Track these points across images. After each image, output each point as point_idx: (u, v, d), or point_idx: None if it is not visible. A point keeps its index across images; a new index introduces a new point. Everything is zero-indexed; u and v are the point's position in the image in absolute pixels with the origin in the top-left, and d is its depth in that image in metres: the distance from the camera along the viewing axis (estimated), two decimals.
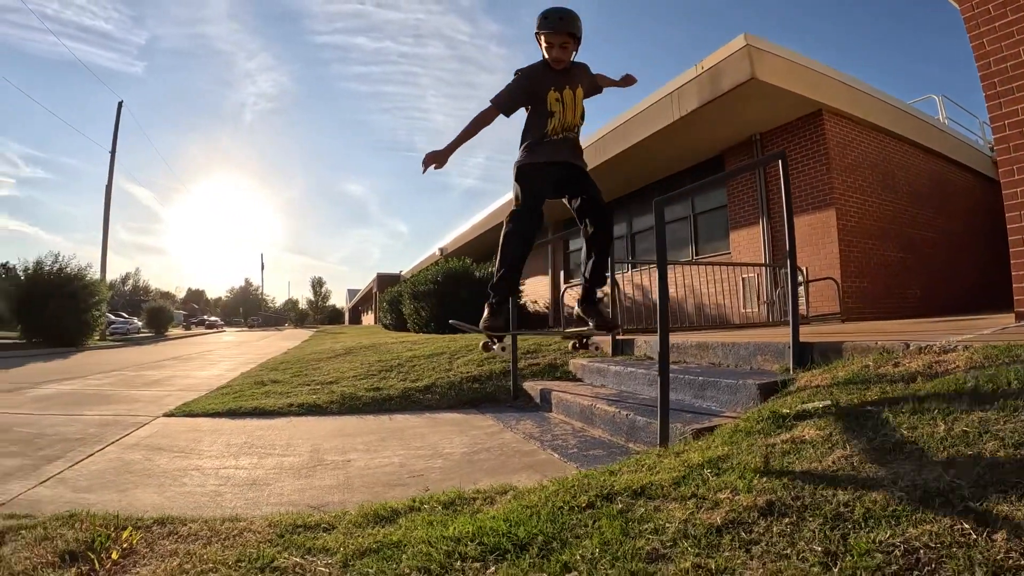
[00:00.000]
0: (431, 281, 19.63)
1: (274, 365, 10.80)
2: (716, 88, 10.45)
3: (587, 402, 4.76)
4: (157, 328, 40.56)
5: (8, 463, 4.09)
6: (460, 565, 1.93)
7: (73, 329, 22.54)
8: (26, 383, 9.51)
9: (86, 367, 13.38)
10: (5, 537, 2.49)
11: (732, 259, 12.46)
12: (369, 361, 8.77)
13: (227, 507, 3.08)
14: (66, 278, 22.67)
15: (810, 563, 1.60)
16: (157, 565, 2.20)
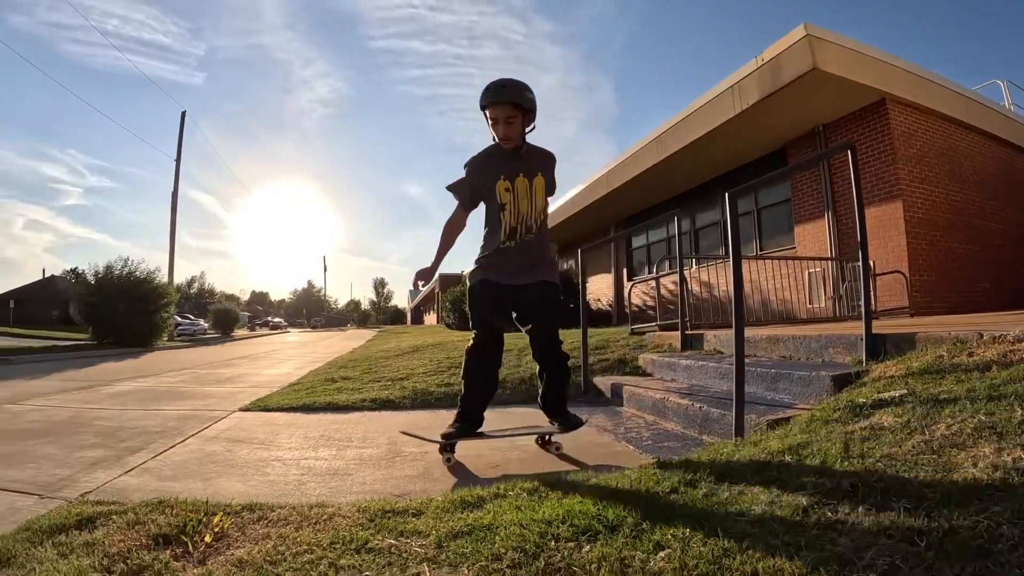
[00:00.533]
0: None
1: (342, 363, 10.97)
2: (777, 80, 10.36)
3: (659, 396, 4.79)
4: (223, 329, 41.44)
5: (92, 454, 4.27)
6: (554, 545, 2.00)
7: (143, 330, 23.30)
8: (101, 381, 9.86)
9: (157, 366, 13.75)
10: (97, 522, 2.61)
11: (797, 254, 12.35)
12: (437, 358, 8.88)
13: (311, 495, 3.17)
14: (136, 281, 23.45)
15: (897, 539, 1.66)
16: (251, 548, 2.27)
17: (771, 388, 4.33)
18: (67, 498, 3.13)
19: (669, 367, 5.93)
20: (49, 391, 8.33)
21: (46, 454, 4.31)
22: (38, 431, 5.19)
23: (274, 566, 2.07)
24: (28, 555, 2.23)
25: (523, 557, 1.94)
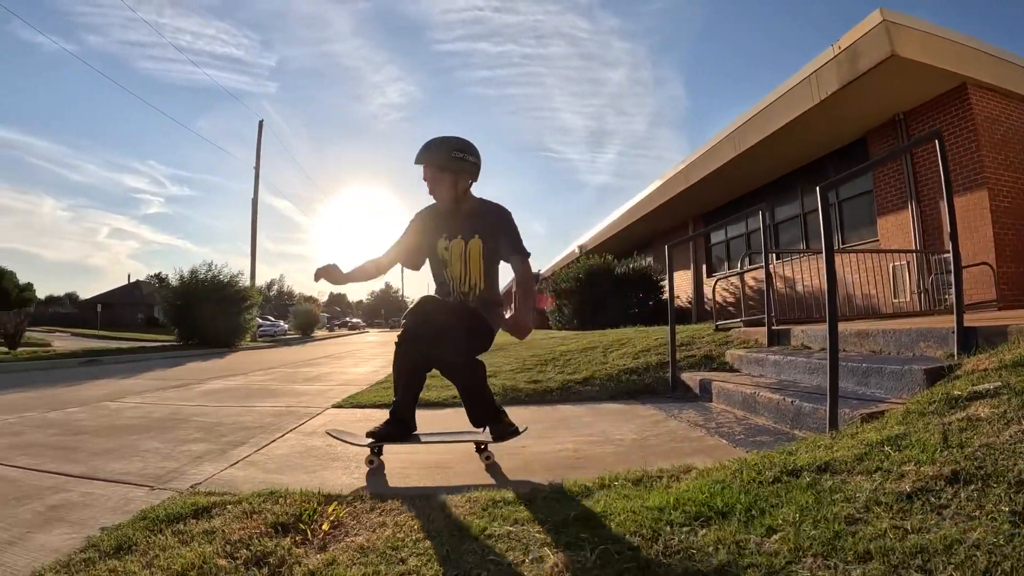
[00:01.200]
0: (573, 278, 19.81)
1: None
2: (855, 68, 10.20)
3: (749, 391, 4.84)
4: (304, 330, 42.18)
5: (196, 448, 4.47)
6: (669, 529, 2.11)
7: (227, 332, 23.95)
8: (192, 380, 10.22)
9: (244, 365, 14.14)
10: (212, 511, 2.75)
11: (880, 246, 12.13)
12: (522, 356, 9.01)
13: (414, 485, 3.28)
14: (220, 285, 24.06)
15: (999, 522, 1.74)
16: (369, 535, 2.39)
17: (862, 383, 4.35)
18: (177, 489, 3.32)
19: (757, 363, 5.95)
20: (143, 389, 8.72)
21: (151, 448, 4.55)
22: (140, 427, 5.46)
23: (396, 551, 2.19)
24: (149, 542, 2.39)
25: (641, 541, 2.04)
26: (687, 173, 17.09)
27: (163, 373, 12.42)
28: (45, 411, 6.55)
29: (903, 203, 11.79)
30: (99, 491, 3.35)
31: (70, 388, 9.33)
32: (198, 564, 2.13)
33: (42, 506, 3.07)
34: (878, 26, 9.60)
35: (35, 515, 2.92)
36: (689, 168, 16.95)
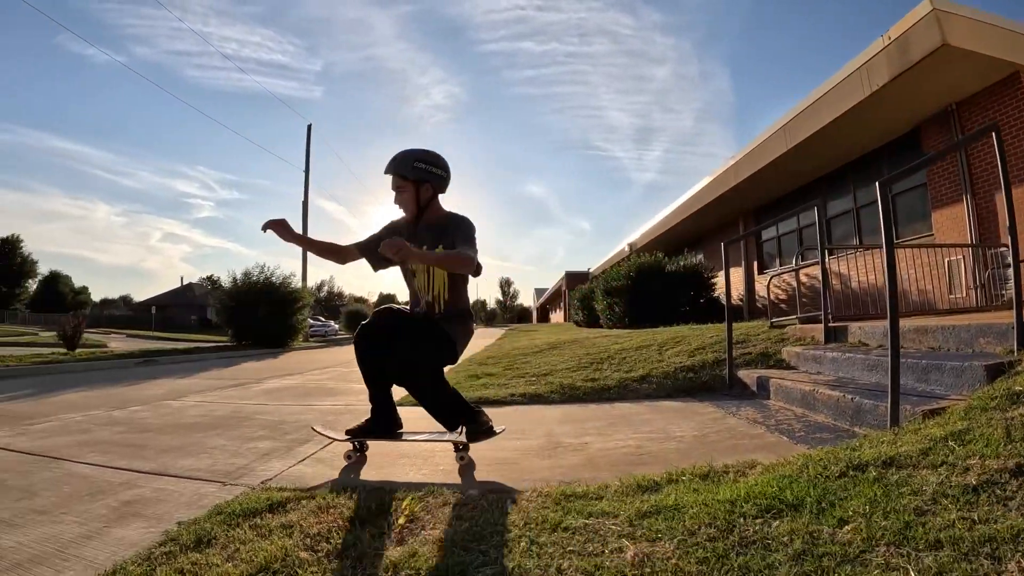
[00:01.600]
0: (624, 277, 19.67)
1: (481, 360, 11.21)
2: (906, 59, 10.07)
3: (807, 388, 4.86)
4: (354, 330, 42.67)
5: (262, 445, 4.59)
6: (743, 521, 2.18)
7: (280, 332, 24.36)
8: (250, 379, 10.46)
9: (299, 365, 14.34)
10: (287, 506, 2.84)
11: (935, 241, 11.97)
12: (577, 354, 9.06)
13: (486, 480, 3.36)
14: (272, 286, 24.48)
15: None
16: (446, 528, 2.46)
17: (922, 379, 4.35)
18: (248, 485, 3.42)
19: (814, 360, 5.95)
20: (202, 389, 8.96)
21: (217, 445, 4.68)
22: (204, 425, 5.62)
23: (477, 543, 2.26)
24: (229, 536, 2.48)
25: (717, 532, 2.12)
26: (737, 169, 16.97)
27: (219, 373, 12.69)
28: (109, 410, 6.75)
29: (958, 196, 11.60)
30: (171, 487, 3.48)
31: (130, 388, 9.59)
32: (280, 557, 2.21)
33: (116, 501, 3.19)
34: (928, 15, 9.48)
35: (110, 510, 3.04)
36: (739, 164, 16.82)
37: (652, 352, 7.92)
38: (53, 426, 5.63)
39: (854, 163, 14.81)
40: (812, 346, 6.50)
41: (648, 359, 7.59)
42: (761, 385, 5.80)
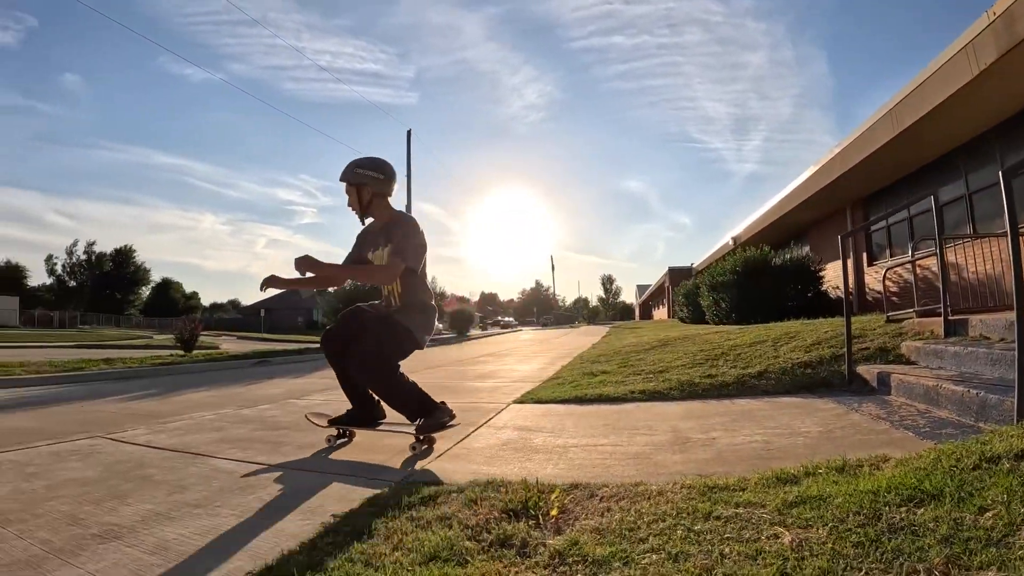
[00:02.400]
0: (729, 271, 19.52)
1: (592, 358, 11.32)
2: (1013, 34, 9.69)
3: (930, 383, 4.85)
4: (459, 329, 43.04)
5: (396, 442, 4.82)
6: (888, 509, 2.32)
7: None
8: None
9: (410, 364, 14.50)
10: (438, 499, 3.00)
11: None
12: (690, 351, 9.12)
13: (619, 476, 3.42)
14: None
15: None
16: (599, 519, 2.58)
17: None
18: (392, 480, 3.63)
19: (935, 355, 5.91)
20: (321, 387, 9.33)
21: (353, 442, 4.97)
22: None
23: (633, 532, 2.40)
24: (389, 528, 2.64)
25: (865, 519, 2.28)
26: (843, 157, 16.54)
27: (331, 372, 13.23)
28: (238, 408, 7.16)
29: None
30: (320, 481, 3.70)
31: (249, 387, 10.06)
32: (446, 546, 2.36)
33: (269, 495, 3.44)
34: None
35: (265, 503, 3.27)
36: (845, 152, 16.39)
37: (767, 348, 7.96)
38: (187, 424, 6.05)
39: (964, 146, 14.33)
40: (932, 340, 6.45)
41: (764, 355, 7.62)
42: (882, 381, 5.79)
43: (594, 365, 9.68)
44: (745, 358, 7.71)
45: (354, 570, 2.20)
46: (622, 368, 8.72)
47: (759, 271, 18.86)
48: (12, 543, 2.72)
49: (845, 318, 6.71)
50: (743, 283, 19.03)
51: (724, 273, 20.03)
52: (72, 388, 9.96)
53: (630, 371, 8.27)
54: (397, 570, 2.18)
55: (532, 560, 2.26)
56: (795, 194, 20.38)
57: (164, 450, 4.80)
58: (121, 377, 12.19)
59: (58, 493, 3.56)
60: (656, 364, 8.49)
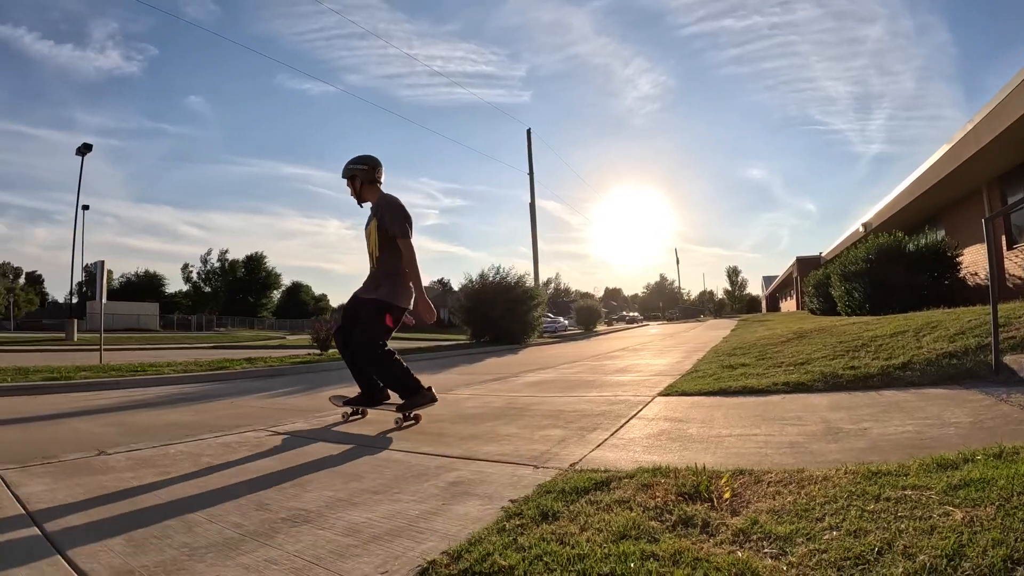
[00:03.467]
0: (861, 260, 19.06)
1: (727, 351, 11.39)
2: None
3: None
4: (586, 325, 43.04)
5: (553, 433, 5.02)
6: None
7: (516, 329, 25.67)
8: (505, 374, 11.20)
9: (543, 360, 14.94)
10: (610, 485, 3.14)
11: None
12: (828, 343, 9.06)
13: (779, 463, 3.49)
14: (507, 286, 26.01)
15: None
16: (772, 502, 2.68)
17: None
18: (559, 467, 3.81)
19: None
20: (462, 383, 9.70)
21: (510, 433, 5.16)
22: (487, 415, 6.17)
23: (809, 512, 2.52)
24: (571, 511, 2.78)
25: None
26: (977, 134, 15.78)
27: (468, 368, 13.71)
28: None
29: None
30: (487, 469, 3.93)
31: None
32: (633, 526, 2.49)
33: (442, 482, 3.64)
34: None
35: (440, 490, 3.47)
36: (978, 128, 15.52)
37: (909, 339, 7.85)
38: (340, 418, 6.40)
39: None
40: None
41: (906, 346, 7.52)
42: None
43: (731, 358, 9.75)
44: (887, 349, 7.62)
45: (550, 548, 2.35)
46: (760, 361, 8.77)
47: (893, 258, 18.28)
48: (205, 527, 2.96)
49: (991, 306, 6.54)
50: (876, 271, 18.51)
51: (856, 261, 19.55)
52: (217, 386, 10.68)
53: (769, 363, 8.31)
54: (593, 548, 2.32)
55: (718, 538, 2.39)
56: (927, 176, 19.59)
57: (329, 442, 5.15)
58: (262, 375, 13.01)
59: (238, 480, 3.90)
60: (795, 356, 8.49)
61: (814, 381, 6.62)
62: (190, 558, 2.53)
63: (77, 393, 9.52)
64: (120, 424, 6.67)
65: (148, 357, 17.99)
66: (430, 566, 2.31)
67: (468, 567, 2.24)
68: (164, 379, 11.42)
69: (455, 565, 2.29)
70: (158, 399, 8.98)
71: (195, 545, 2.68)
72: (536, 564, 2.20)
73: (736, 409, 5.71)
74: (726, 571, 2.04)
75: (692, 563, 2.13)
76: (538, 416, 5.96)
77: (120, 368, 12.45)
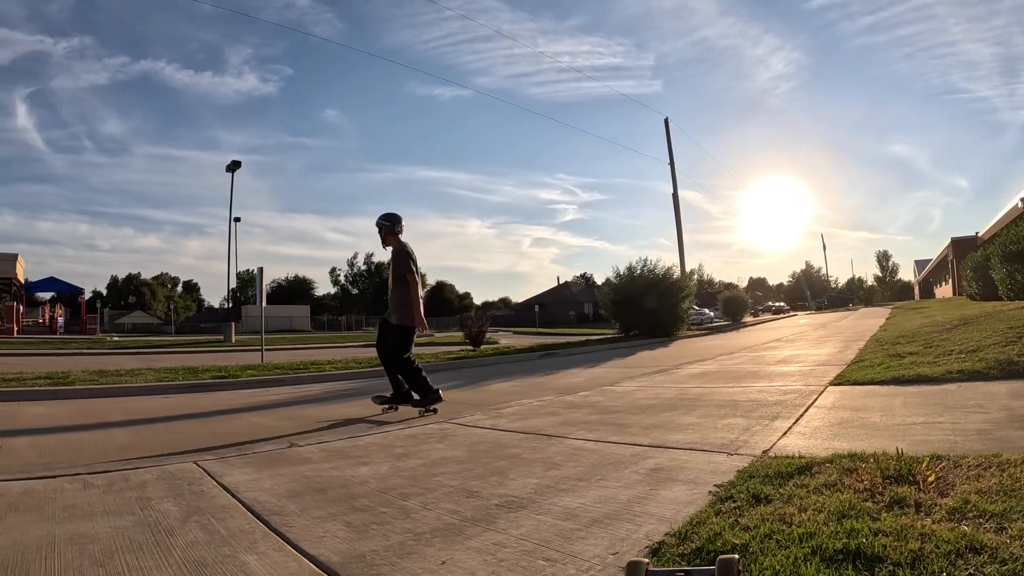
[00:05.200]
0: None
1: (890, 340, 11.18)
2: None
3: None
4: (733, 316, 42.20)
5: (735, 422, 5.06)
6: None
7: (666, 322, 25.36)
8: (667, 366, 11.24)
9: (698, 352, 14.88)
10: (812, 470, 3.16)
11: None
12: (997, 329, 8.80)
13: (970, 449, 3.44)
14: (655, 278, 25.76)
15: None
16: (977, 484, 2.70)
17: None
18: (752, 454, 3.85)
19: None
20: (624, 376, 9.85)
21: (690, 423, 5.22)
22: (661, 406, 6.25)
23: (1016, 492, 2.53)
24: (780, 493, 2.83)
25: None
26: None
27: (623, 361, 13.80)
28: (559, 395, 7.71)
29: None
30: (681, 457, 3.98)
31: (548, 377, 10.91)
32: (849, 505, 2.52)
33: (642, 470, 3.69)
34: None
35: (643, 477, 3.53)
36: None
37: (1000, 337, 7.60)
38: (519, 410, 6.60)
39: None
40: None
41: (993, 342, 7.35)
42: None
43: (896, 347, 9.55)
44: None
45: (775, 527, 2.38)
46: (928, 349, 8.56)
47: None
48: (421, 513, 3.05)
49: None
50: None
51: (1018, 240, 18.36)
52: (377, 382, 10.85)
53: (938, 352, 8.09)
54: (818, 526, 2.35)
55: (934, 515, 2.40)
56: None
57: (515, 432, 5.29)
58: None
59: (438, 470, 4.02)
60: (964, 344, 8.24)
61: (989, 369, 6.44)
62: (416, 542, 2.64)
63: (245, 390, 10.16)
64: (293, 418, 7.15)
65: (305, 356, 18.67)
66: (660, 547, 2.37)
67: (700, 546, 2.29)
68: (326, 376, 12.07)
69: (685, 545, 2.35)
70: (324, 395, 9.55)
71: (417, 531, 2.79)
72: (767, 542, 2.25)
73: (914, 398, 5.62)
74: (954, 543, 2.07)
75: (919, 537, 2.16)
76: (713, 406, 6.02)
77: (283, 367, 13.08)
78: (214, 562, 2.42)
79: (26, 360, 17.46)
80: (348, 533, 2.79)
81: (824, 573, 1.93)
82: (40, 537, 2.75)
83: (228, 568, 2.37)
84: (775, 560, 2.06)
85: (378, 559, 2.45)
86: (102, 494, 3.55)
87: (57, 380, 10.21)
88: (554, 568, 2.27)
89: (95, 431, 6.53)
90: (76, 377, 10.70)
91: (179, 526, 2.92)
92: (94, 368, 12.61)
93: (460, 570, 2.29)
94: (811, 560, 2.02)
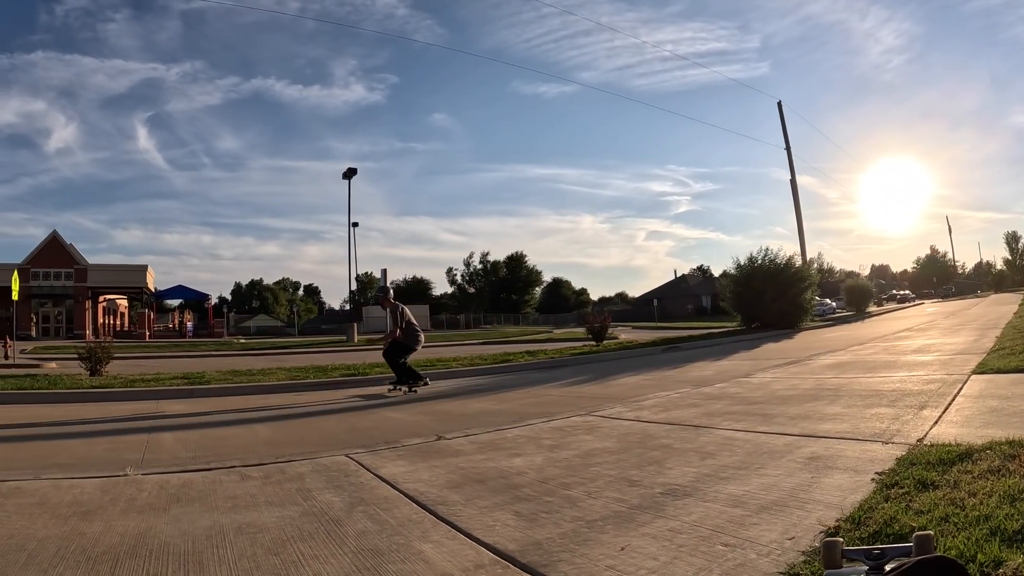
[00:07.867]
0: None
1: None
2: None
3: None
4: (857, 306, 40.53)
5: (883, 411, 5.07)
6: None
7: (789, 313, 24.56)
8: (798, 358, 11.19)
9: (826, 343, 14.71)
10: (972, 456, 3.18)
11: None
12: None
13: None
14: (777, 268, 24.98)
15: None
16: None
17: None
18: (906, 443, 3.87)
19: None
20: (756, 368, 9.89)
21: (835, 413, 5.22)
22: (802, 396, 6.28)
23: None
24: (946, 479, 2.85)
25: None
26: None
27: (749, 354, 13.78)
28: (695, 387, 7.79)
29: None
30: (836, 446, 4.03)
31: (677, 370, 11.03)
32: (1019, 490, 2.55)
33: (800, 458, 3.75)
34: None
35: (802, 465, 3.59)
36: None
37: None
38: (657, 402, 6.67)
39: None
40: None
41: None
42: None
43: None
44: None
45: (950, 510, 2.44)
46: None
47: None
48: (588, 502, 3.15)
49: None
50: None
51: None
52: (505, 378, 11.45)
53: None
54: (992, 509, 2.38)
55: None
56: None
57: (660, 424, 5.38)
58: (544, 367, 13.57)
59: (593, 461, 4.12)
60: None
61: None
62: (590, 529, 2.73)
63: (373, 387, 10.45)
64: (429, 413, 7.43)
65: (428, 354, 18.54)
66: (836, 531, 2.43)
67: (877, 530, 2.35)
68: (454, 372, 12.36)
69: (861, 529, 2.41)
70: (454, 390, 9.87)
71: (588, 519, 2.88)
72: (944, 524, 2.30)
73: None
74: None
75: None
76: (855, 396, 6.02)
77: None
78: (389, 550, 2.58)
79: (161, 362, 18.64)
80: (518, 521, 2.90)
81: (1007, 552, 1.97)
82: (208, 527, 2.96)
83: (405, 556, 2.51)
84: (956, 541, 2.12)
85: (555, 546, 2.56)
86: (261, 485, 3.81)
87: (193, 380, 10.92)
88: (734, 553, 2.36)
89: (236, 427, 6.95)
90: (211, 377, 11.43)
91: (345, 516, 3.11)
92: (226, 368, 13.35)
93: (641, 555, 2.39)
94: (992, 540, 2.07)
